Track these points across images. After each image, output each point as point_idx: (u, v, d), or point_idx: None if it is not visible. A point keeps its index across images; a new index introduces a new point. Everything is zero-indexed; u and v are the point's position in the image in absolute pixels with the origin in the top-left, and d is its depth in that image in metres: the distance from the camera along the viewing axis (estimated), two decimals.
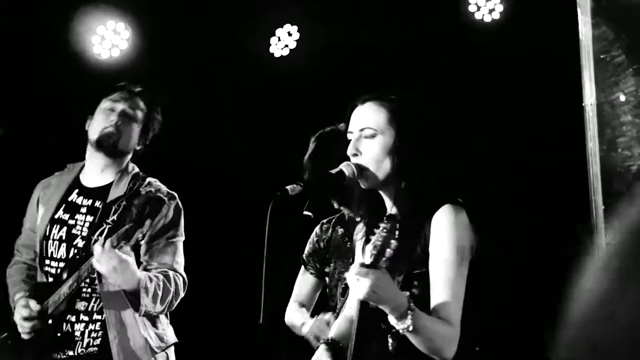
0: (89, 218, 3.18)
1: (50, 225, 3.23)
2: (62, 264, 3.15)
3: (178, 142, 4.82)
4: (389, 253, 1.97)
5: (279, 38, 5.17)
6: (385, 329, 2.08)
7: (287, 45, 5.17)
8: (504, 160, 4.98)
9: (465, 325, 2.09)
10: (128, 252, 2.90)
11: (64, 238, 3.19)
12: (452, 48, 5.11)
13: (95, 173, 3.28)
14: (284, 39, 5.16)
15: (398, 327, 1.99)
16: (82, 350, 3.11)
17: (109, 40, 4.94)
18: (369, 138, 2.23)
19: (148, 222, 2.89)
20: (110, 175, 3.26)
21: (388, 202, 2.28)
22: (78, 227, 3.19)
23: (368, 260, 1.97)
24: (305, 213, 2.18)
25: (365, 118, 2.25)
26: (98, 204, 3.20)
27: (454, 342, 2.06)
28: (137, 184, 3.21)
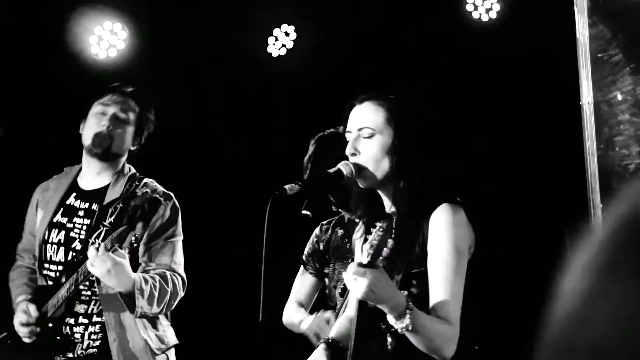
0: (87, 221, 3.18)
1: (49, 229, 3.23)
2: (60, 268, 3.15)
3: (176, 142, 4.81)
4: (386, 252, 1.97)
5: (277, 38, 5.16)
6: (385, 329, 2.08)
7: (284, 45, 5.16)
8: (502, 160, 4.99)
9: (465, 324, 2.09)
10: (122, 254, 2.90)
11: (62, 241, 3.19)
12: (449, 47, 5.11)
13: (92, 176, 3.28)
14: (281, 39, 5.16)
15: (397, 326, 1.99)
16: (81, 352, 3.11)
17: (107, 41, 4.93)
18: (368, 138, 2.22)
19: (140, 224, 2.89)
20: (107, 178, 3.26)
21: (387, 201, 2.28)
22: (76, 230, 3.18)
23: (365, 260, 1.96)
24: (304, 212, 2.17)
25: (364, 118, 2.25)
26: (95, 207, 3.20)
27: (454, 341, 2.06)
28: (133, 186, 3.20)
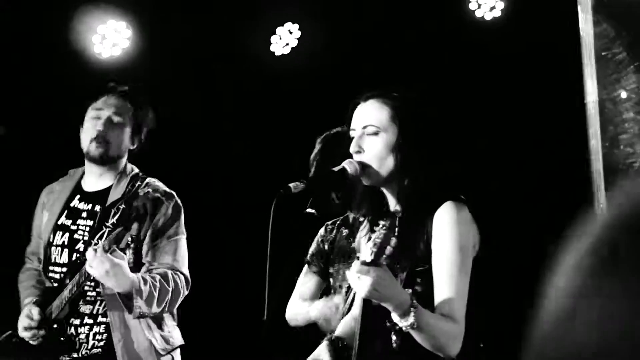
0: (89, 222, 3.19)
1: (54, 232, 3.24)
2: (64, 269, 3.16)
3: (179, 141, 4.81)
4: (389, 250, 1.96)
5: (280, 36, 5.16)
6: (389, 327, 2.07)
7: (288, 44, 5.16)
8: (506, 158, 4.98)
9: (470, 322, 2.09)
10: (121, 255, 2.90)
11: (66, 243, 3.19)
12: (453, 46, 5.10)
13: (95, 178, 3.28)
14: (285, 38, 5.15)
15: (401, 324, 1.99)
16: (86, 352, 3.12)
17: (110, 39, 4.93)
18: (372, 135, 2.22)
19: (135, 225, 2.89)
20: (109, 179, 3.26)
21: (391, 199, 2.27)
22: (80, 231, 3.19)
23: (368, 258, 1.96)
24: (309, 210, 2.17)
25: (368, 115, 2.24)
26: (97, 208, 3.21)
27: (459, 338, 2.06)
28: (135, 186, 3.20)
